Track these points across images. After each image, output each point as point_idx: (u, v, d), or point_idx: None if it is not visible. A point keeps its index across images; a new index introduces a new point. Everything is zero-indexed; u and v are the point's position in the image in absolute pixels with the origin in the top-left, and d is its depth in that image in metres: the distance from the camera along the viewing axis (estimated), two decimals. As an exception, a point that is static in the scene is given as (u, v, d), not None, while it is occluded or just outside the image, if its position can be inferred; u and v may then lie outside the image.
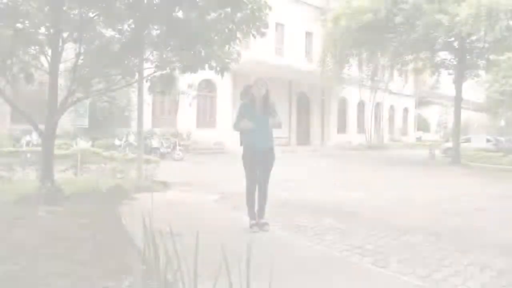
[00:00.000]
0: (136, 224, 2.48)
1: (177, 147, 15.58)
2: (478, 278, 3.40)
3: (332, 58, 18.75)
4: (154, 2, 5.70)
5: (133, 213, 4.06)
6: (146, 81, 6.70)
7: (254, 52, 22.72)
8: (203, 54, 6.01)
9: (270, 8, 5.60)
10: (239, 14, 5.57)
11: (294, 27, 26.81)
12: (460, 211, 6.42)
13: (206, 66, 6.32)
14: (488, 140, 25.33)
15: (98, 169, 8.56)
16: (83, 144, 13.12)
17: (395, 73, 24.24)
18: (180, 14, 5.58)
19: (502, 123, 28.26)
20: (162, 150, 15.70)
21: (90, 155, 9.21)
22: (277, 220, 5.19)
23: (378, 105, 33.53)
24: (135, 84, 7.19)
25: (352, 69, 21.81)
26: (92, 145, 14.36)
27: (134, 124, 17.07)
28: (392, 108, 36.74)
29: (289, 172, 12.02)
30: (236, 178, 10.13)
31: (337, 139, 29.82)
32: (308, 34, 28.13)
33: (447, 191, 8.97)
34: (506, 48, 17.06)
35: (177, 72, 7.09)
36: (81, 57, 5.75)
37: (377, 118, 34.48)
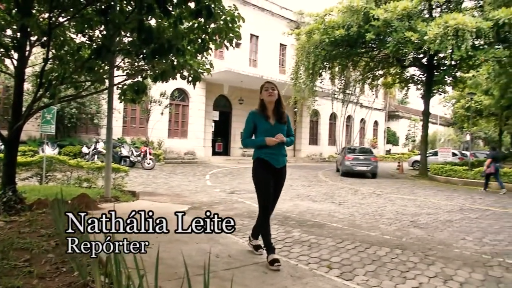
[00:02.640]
0: (99, 236, 2.41)
1: (148, 156, 15.34)
2: (441, 291, 3.48)
3: (305, 71, 18.98)
4: (126, 9, 5.64)
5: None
6: (117, 89, 6.59)
7: (229, 62, 22.82)
8: (175, 63, 5.98)
9: (243, 20, 5.62)
10: (212, 25, 5.57)
11: (269, 39, 27.12)
12: (425, 224, 6.56)
13: (178, 75, 6.28)
14: (454, 154, 26.12)
15: (64, 177, 8.32)
16: (49, 151, 12.77)
17: (366, 87, 24.73)
18: (153, 22, 5.53)
19: (468, 137, 29.22)
20: (132, 158, 15.43)
21: (56, 162, 8.93)
22: (246, 233, 5.17)
23: (349, 118, 34.17)
24: (106, 91, 7.06)
25: (324, 82, 22.17)
26: (59, 153, 13.99)
27: (103, 132, 16.78)
28: (363, 121, 37.45)
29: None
30: (206, 189, 10.13)
31: (308, 151, 30.17)
32: (282, 46, 28.48)
33: (414, 203, 9.16)
34: (471, 66, 17.74)
35: (148, 81, 7.03)
36: (49, 62, 5.61)
37: (348, 130, 35.14)
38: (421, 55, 18.22)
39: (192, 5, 4.90)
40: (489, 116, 29.35)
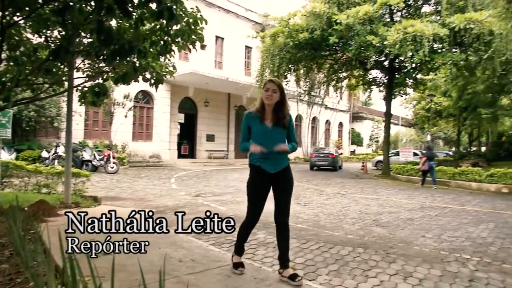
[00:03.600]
0: (57, 243, 2.33)
1: (111, 160, 14.98)
2: (401, 288, 3.57)
3: (270, 73, 19.09)
4: (86, 9, 5.49)
5: (56, 232, 3.82)
6: (76, 91, 6.40)
7: (194, 64, 22.65)
8: (137, 65, 5.87)
9: (206, 22, 5.58)
10: (175, 27, 5.50)
11: (234, 41, 27.14)
12: (387, 222, 6.72)
13: (141, 78, 6.17)
14: (415, 154, 26.96)
15: (21, 183, 8.01)
16: (5, 156, 12.26)
17: (331, 88, 25.15)
18: (113, 22, 5.41)
19: (428, 137, 30.28)
20: (94, 163, 15.03)
21: (12, 168, 8.57)
22: (211, 236, 5.14)
23: (314, 119, 34.66)
24: (66, 94, 6.84)
25: (289, 84, 22.36)
26: (17, 157, 13.46)
27: (64, 135, 16.26)
28: (328, 122, 38.05)
29: (226, 186, 12.02)
30: (171, 193, 10.00)
31: (275, 152, 30.31)
32: (248, 48, 28.56)
33: (377, 202, 9.38)
34: (430, 69, 18.36)
35: (110, 83, 6.87)
36: (3, 64, 5.39)
37: (314, 132, 35.62)
38: (383, 58, 18.71)
39: (154, 6, 4.83)
40: (448, 117, 30.44)
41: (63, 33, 5.64)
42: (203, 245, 4.23)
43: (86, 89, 6.31)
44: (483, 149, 32.45)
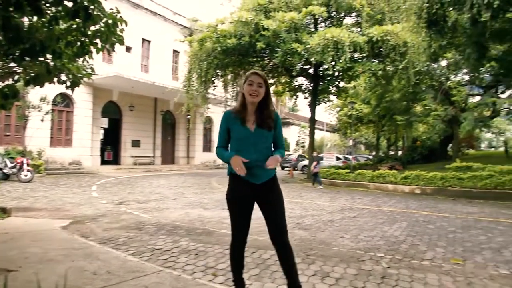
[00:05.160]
0: None
1: (25, 167, 13.93)
2: (319, 289, 3.68)
3: (197, 78, 18.95)
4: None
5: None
6: (-18, 93, 5.88)
7: (118, 67, 21.93)
8: (51, 66, 5.52)
9: (126, 23, 5.39)
10: (92, 27, 5.26)
11: (161, 44, 26.65)
12: (309, 225, 6.92)
13: (56, 80, 5.81)
14: (338, 158, 28.22)
15: None
16: None
17: (258, 95, 25.52)
18: (25, 20, 5.05)
19: (351, 142, 31.84)
20: (5, 170, 13.89)
21: None
22: (131, 245, 4.97)
23: (242, 125, 34.87)
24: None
25: (217, 90, 22.36)
26: None
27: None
28: (255, 128, 38.47)
29: (152, 193, 11.70)
30: (92, 201, 9.52)
31: (203, 158, 30.19)
32: (175, 53, 28.16)
33: (301, 206, 9.64)
34: (351, 77, 19.34)
35: (22, 85, 6.39)
36: None
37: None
38: (308, 66, 19.39)
39: (70, 4, 4.58)
40: (368, 123, 32.25)
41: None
42: (120, 256, 4.07)
43: (-7, 91, 5.82)
44: (400, 153, 34.72)
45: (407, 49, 15.56)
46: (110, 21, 5.23)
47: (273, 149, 2.95)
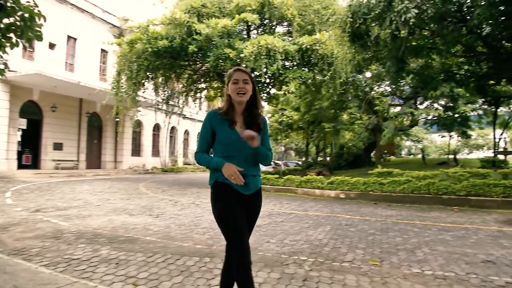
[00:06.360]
0: None
1: None
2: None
3: (127, 80, 18.32)
4: None
5: None
6: None
7: (40, 65, 20.62)
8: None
9: (45, 19, 5.07)
10: (6, 20, 4.89)
11: (89, 43, 25.48)
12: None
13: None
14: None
15: None
16: None
17: (190, 99, 25.27)
18: None
19: (282, 148, 32.51)
20: None
21: None
22: (45, 256, 4.64)
23: (173, 129, 34.39)
24: None
25: (148, 92, 21.80)
26: None
27: None
28: (186, 132, 38.12)
29: (73, 199, 11.08)
30: (5, 209, 8.79)
31: (131, 162, 29.25)
32: (104, 52, 27.09)
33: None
34: (282, 82, 19.78)
35: None
36: None
37: (172, 141, 35.31)
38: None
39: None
40: (298, 130, 33.18)
41: None
42: (31, 268, 3.79)
43: None
44: (328, 159, 36.05)
45: (335, 60, 16.23)
46: (26, 15, 4.90)
47: None
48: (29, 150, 22.83)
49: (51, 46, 22.48)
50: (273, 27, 19.75)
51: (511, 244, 6.12)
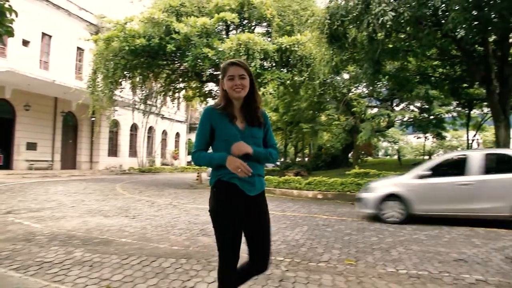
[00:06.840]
0: None
1: None
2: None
3: (103, 79, 17.99)
4: None
5: None
6: None
7: (13, 62, 20.07)
8: None
9: (16, 14, 4.93)
10: (-25, 15, 4.72)
11: (64, 40, 24.96)
12: (213, 231, 6.86)
13: None
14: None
15: None
16: None
17: (168, 98, 25.03)
18: None
19: (260, 149, 32.56)
20: None
21: None
22: (16, 259, 4.51)
23: (151, 129, 34.01)
24: None
25: (125, 92, 21.48)
26: None
27: None
28: (164, 132, 37.76)
29: (47, 200, 10.82)
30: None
31: (107, 163, 28.79)
32: (80, 50, 26.60)
33: (206, 212, 9.52)
34: (260, 83, 19.78)
35: None
36: None
37: (150, 142, 34.93)
38: (218, 72, 19.41)
39: None
40: (277, 130, 33.23)
41: None
42: (-1, 271, 3.65)
43: None
44: (306, 159, 36.25)
45: (313, 61, 16.32)
46: (-4, 10, 4.74)
47: None
48: (1, 150, 22.15)
49: (25, 43, 21.90)
50: (253, 27, 19.76)
51: (482, 243, 6.27)
